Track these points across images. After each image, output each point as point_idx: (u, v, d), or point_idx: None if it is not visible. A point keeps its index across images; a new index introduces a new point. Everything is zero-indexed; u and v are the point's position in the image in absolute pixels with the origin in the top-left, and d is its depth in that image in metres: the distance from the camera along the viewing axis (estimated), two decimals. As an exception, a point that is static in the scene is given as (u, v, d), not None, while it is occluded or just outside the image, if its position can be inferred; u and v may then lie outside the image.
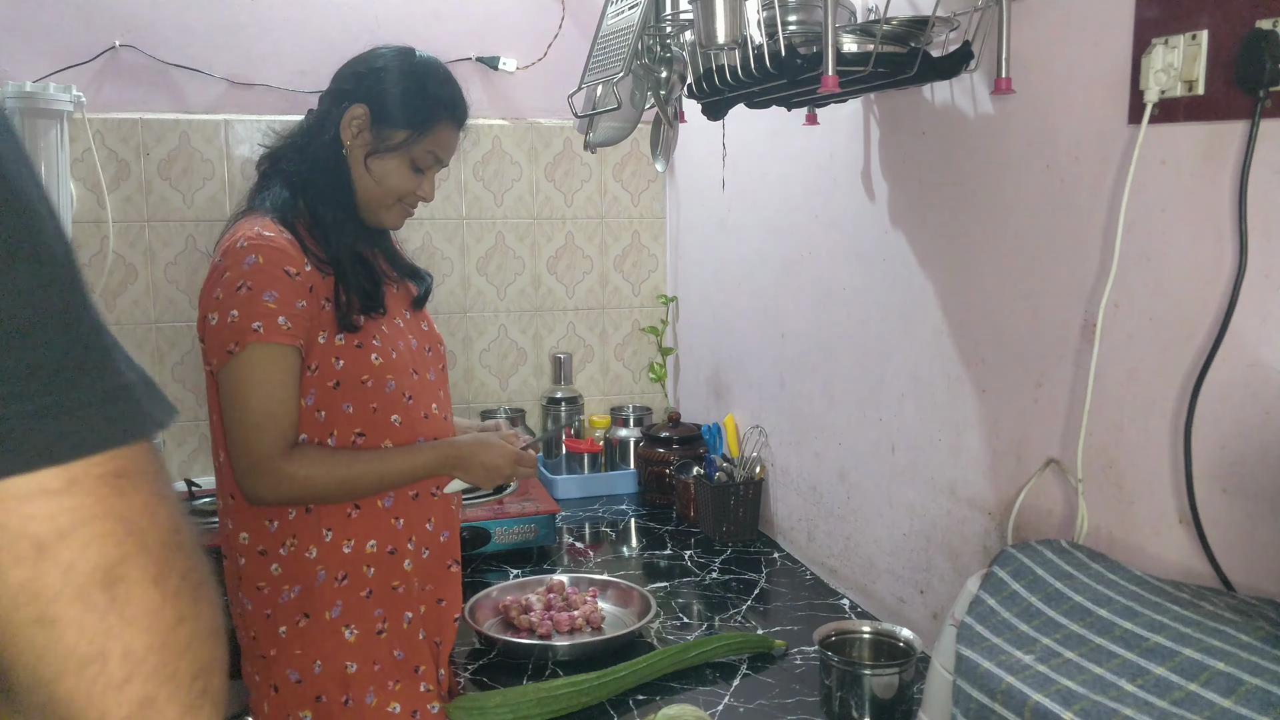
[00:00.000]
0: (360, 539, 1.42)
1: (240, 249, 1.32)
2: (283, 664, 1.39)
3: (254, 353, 1.30)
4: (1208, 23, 1.07)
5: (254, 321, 1.29)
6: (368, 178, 1.44)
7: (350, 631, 1.41)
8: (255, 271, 1.31)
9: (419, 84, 1.46)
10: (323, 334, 1.37)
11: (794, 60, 1.33)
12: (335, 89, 1.47)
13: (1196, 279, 1.11)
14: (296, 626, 1.39)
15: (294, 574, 1.39)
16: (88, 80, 2.36)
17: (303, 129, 1.48)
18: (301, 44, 2.48)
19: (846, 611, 1.78)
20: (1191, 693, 0.84)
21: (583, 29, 2.61)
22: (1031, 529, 1.37)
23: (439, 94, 1.47)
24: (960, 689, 0.96)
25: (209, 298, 1.34)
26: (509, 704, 1.39)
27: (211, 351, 1.33)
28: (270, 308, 1.30)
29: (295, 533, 1.39)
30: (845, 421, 1.88)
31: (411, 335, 1.50)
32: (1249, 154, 1.03)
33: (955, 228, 1.51)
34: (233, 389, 1.31)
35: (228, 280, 1.32)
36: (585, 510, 2.44)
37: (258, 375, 1.30)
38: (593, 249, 2.78)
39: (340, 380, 1.38)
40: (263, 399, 1.31)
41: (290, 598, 1.39)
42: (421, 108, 1.45)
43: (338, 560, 1.40)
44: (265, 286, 1.31)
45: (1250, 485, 1.06)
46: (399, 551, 1.44)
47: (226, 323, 1.30)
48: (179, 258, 2.46)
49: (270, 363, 1.31)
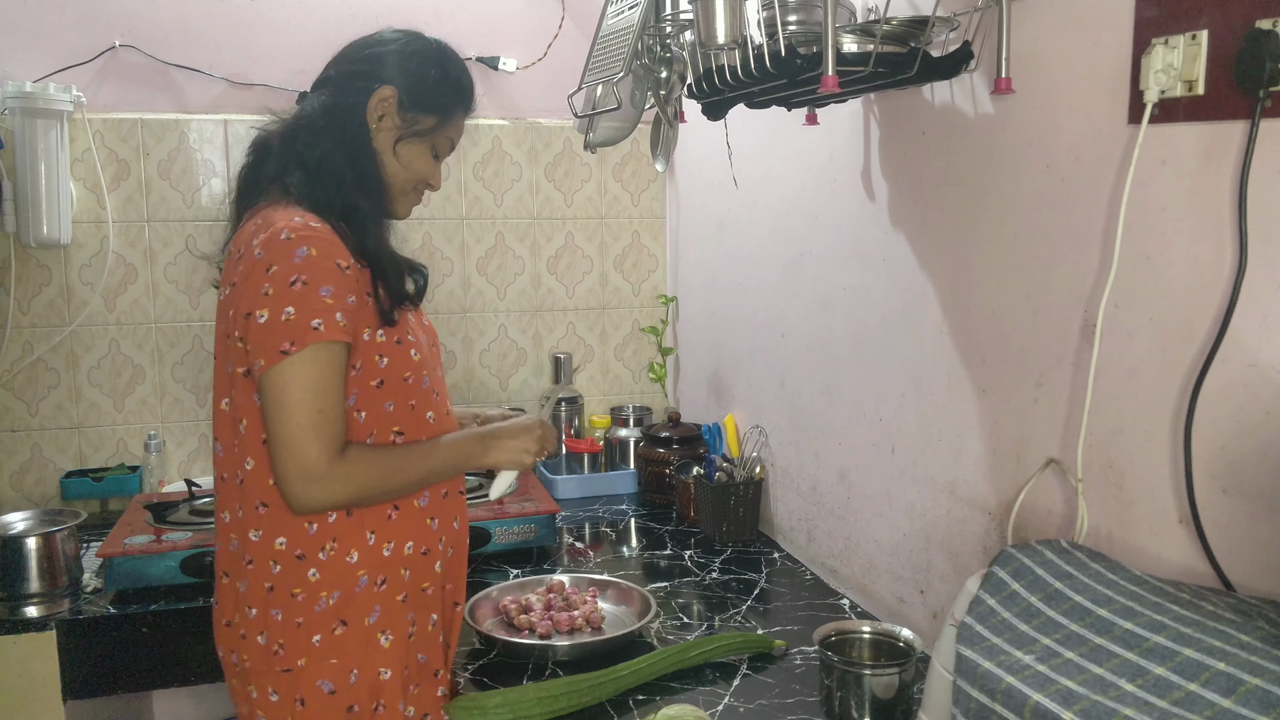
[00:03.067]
0: (399, 541, 1.36)
1: (287, 241, 1.24)
2: (313, 675, 1.31)
3: (313, 352, 1.22)
4: (1208, 23, 1.07)
5: (313, 319, 1.22)
6: (395, 163, 1.39)
7: (385, 638, 1.35)
8: (309, 265, 1.23)
9: (443, 69, 1.42)
10: (367, 330, 1.30)
11: (794, 60, 1.33)
12: (348, 72, 1.40)
13: (1196, 279, 1.11)
14: (332, 634, 1.31)
15: (334, 579, 1.32)
16: (88, 80, 2.36)
17: (312, 117, 1.38)
18: (301, 44, 2.48)
19: (846, 611, 1.78)
20: (1191, 693, 0.84)
21: (583, 29, 2.61)
22: (1031, 529, 1.37)
23: (461, 80, 1.44)
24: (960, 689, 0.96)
25: (254, 293, 1.23)
26: (509, 704, 1.39)
27: (259, 351, 1.23)
28: (328, 304, 1.23)
29: (336, 536, 1.32)
30: (845, 421, 1.88)
31: (423, 330, 1.48)
32: (1249, 154, 1.03)
33: (955, 228, 1.51)
34: (285, 390, 1.22)
35: (277, 274, 1.23)
36: (585, 510, 2.44)
37: (315, 375, 1.23)
38: (593, 249, 2.78)
39: (384, 379, 1.33)
40: (320, 400, 1.23)
41: (328, 604, 1.31)
42: (448, 93, 1.41)
43: (379, 563, 1.34)
44: (321, 281, 1.23)
45: (1250, 485, 1.06)
46: (431, 552, 1.40)
47: (280, 320, 1.22)
48: (179, 258, 2.46)
49: (326, 362, 1.24)
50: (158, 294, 2.46)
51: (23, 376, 2.40)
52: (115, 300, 2.43)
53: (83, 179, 2.38)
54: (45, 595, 1.86)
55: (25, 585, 1.85)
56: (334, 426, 1.25)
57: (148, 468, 2.45)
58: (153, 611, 1.83)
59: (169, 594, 1.88)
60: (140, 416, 2.48)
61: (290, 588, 1.32)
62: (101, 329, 2.43)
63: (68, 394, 2.43)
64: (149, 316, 2.46)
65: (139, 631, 1.82)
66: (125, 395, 2.46)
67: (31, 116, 2.23)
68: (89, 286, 2.41)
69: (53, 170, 2.27)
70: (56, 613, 1.82)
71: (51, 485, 2.43)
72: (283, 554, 1.32)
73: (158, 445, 2.45)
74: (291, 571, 1.31)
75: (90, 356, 2.43)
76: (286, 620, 1.32)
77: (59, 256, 2.39)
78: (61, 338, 2.40)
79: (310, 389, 1.23)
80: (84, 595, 1.89)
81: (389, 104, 1.37)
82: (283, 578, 1.32)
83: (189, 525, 2.01)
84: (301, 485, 1.24)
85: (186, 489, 2.19)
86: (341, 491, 1.26)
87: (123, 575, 1.85)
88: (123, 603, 1.85)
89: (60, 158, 2.29)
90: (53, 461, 2.44)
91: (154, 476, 2.45)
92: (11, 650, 1.77)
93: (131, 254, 2.43)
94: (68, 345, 2.42)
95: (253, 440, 1.31)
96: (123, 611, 1.82)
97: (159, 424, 2.49)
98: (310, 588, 1.31)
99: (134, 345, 2.46)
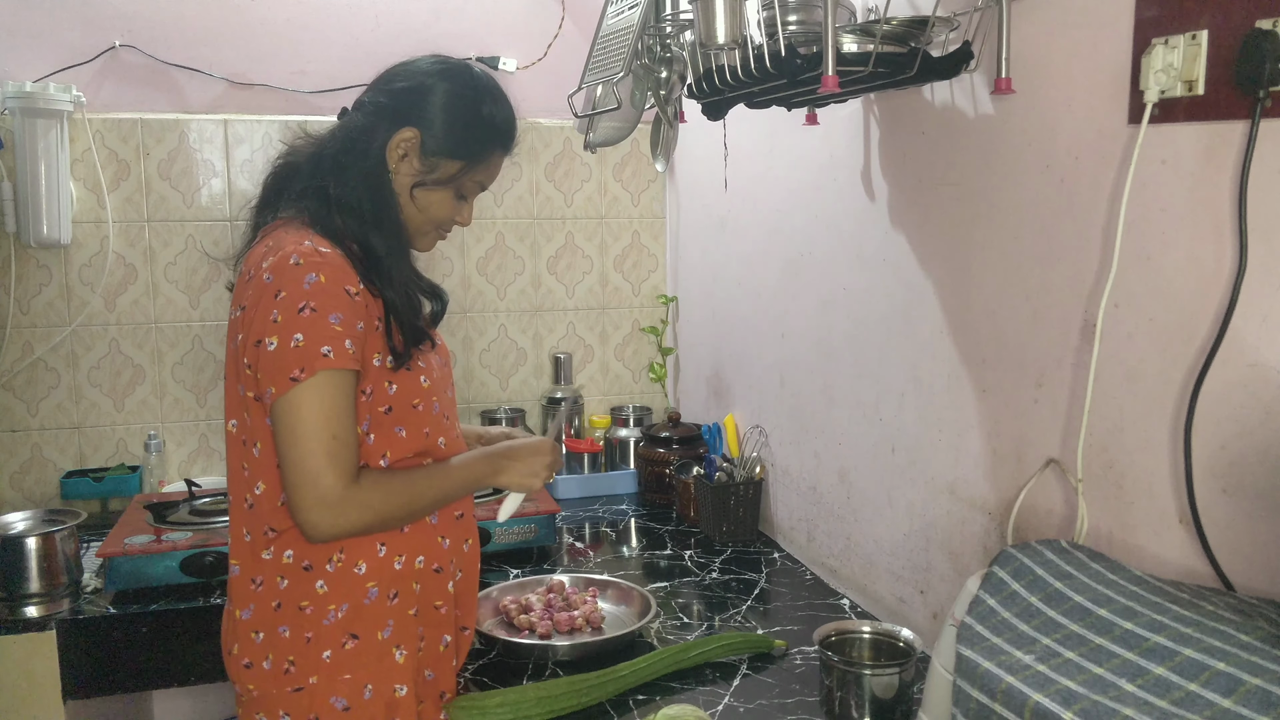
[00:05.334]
0: (410, 554, 1.34)
1: (296, 266, 1.22)
2: (326, 692, 1.29)
3: (323, 379, 1.21)
4: (1208, 23, 1.07)
5: (322, 346, 1.20)
6: (412, 206, 1.36)
7: (400, 653, 1.33)
8: (318, 291, 1.22)
9: (474, 110, 1.37)
10: (377, 357, 1.29)
11: (794, 60, 1.33)
12: (379, 104, 1.35)
13: (1196, 279, 1.11)
14: (343, 649, 1.29)
15: (342, 591, 1.30)
16: (88, 80, 2.36)
17: (339, 142, 1.35)
18: (301, 44, 2.48)
19: (846, 611, 1.78)
20: (1191, 693, 0.84)
21: (583, 29, 2.61)
22: (1031, 529, 1.37)
23: (494, 121, 1.39)
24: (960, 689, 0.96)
25: (264, 321, 1.22)
26: (509, 704, 1.39)
27: (269, 378, 1.21)
28: (336, 330, 1.22)
29: (344, 546, 1.30)
30: (845, 421, 1.88)
31: (435, 353, 1.45)
32: (1249, 154, 1.03)
33: (955, 228, 1.51)
34: (297, 417, 1.21)
35: (285, 301, 1.21)
36: (585, 510, 2.44)
37: (326, 402, 1.21)
38: (593, 249, 2.78)
39: (392, 405, 1.31)
40: (333, 427, 1.21)
41: (337, 617, 1.29)
42: (476, 138, 1.37)
43: (390, 576, 1.32)
44: (330, 308, 1.22)
45: (1250, 485, 1.06)
46: (444, 570, 1.38)
47: (290, 347, 1.20)
48: (179, 258, 2.46)
49: (337, 389, 1.22)
50: (158, 294, 2.46)
51: (23, 376, 2.40)
52: (115, 300, 2.43)
53: (83, 179, 2.38)
54: (45, 595, 1.86)
55: (25, 585, 1.85)
56: (348, 452, 1.23)
57: (148, 468, 2.45)
58: (153, 611, 1.83)
59: (169, 594, 1.88)
60: (140, 416, 2.48)
61: (298, 600, 1.30)
62: (101, 329, 2.43)
63: (68, 394, 2.43)
64: (149, 316, 2.46)
65: (139, 631, 1.82)
66: (125, 395, 2.46)
67: (31, 116, 2.23)
68: (89, 286, 2.41)
69: (53, 170, 2.27)
70: (56, 613, 1.82)
71: (51, 485, 2.43)
72: (290, 567, 1.30)
73: (158, 445, 2.45)
74: (298, 584, 1.30)
75: (90, 356, 2.43)
76: (295, 636, 1.29)
77: (59, 256, 2.39)
78: (61, 338, 2.40)
79: (322, 415, 1.21)
80: (84, 595, 1.89)
81: (410, 145, 1.33)
82: (289, 592, 1.30)
83: (189, 525, 2.01)
84: (318, 513, 1.22)
85: (186, 489, 2.19)
86: (358, 518, 1.24)
87: (123, 575, 1.85)
88: (123, 603, 1.85)
89: (60, 158, 2.29)
90: (53, 461, 2.44)
91: (154, 476, 2.45)
92: (11, 650, 1.77)
93: (131, 254, 2.43)
94: (68, 345, 2.42)
95: (265, 464, 1.28)
96: (123, 611, 1.82)
97: (159, 424, 2.49)
98: (318, 600, 1.29)
99: (134, 345, 2.46)
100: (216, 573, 1.88)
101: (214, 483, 2.43)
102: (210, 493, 2.22)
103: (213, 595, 1.88)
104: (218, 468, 2.54)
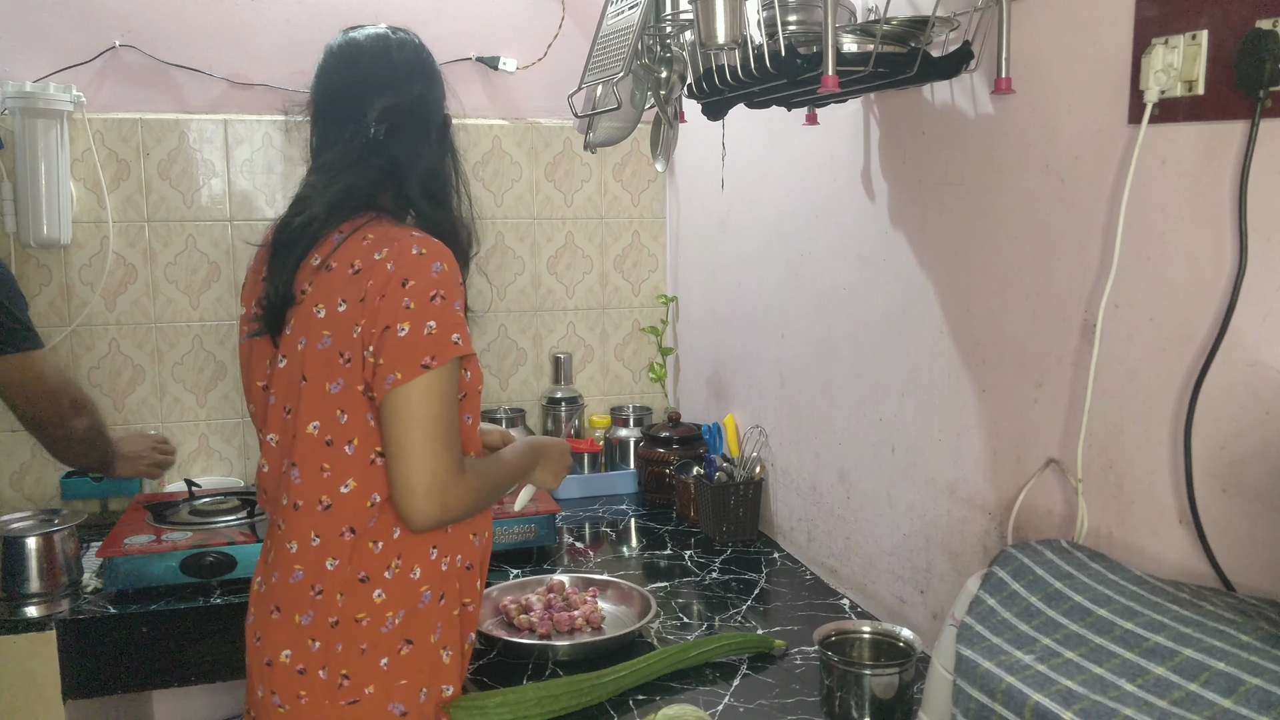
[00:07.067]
0: (452, 554, 1.36)
1: (420, 256, 1.24)
2: (383, 700, 1.29)
3: (450, 367, 1.24)
4: (1208, 23, 1.07)
5: (453, 334, 1.23)
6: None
7: (447, 654, 1.35)
8: (445, 280, 1.25)
9: (422, 46, 1.46)
10: None
11: (794, 60, 1.33)
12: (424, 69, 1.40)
13: (1196, 279, 1.11)
14: (399, 655, 1.30)
15: (399, 598, 1.30)
16: (88, 80, 2.36)
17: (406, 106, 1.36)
18: (301, 44, 2.48)
19: (846, 611, 1.79)
20: (1191, 693, 0.84)
21: (583, 29, 2.61)
22: (1031, 529, 1.37)
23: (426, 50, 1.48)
24: (960, 689, 0.96)
25: (394, 308, 1.22)
26: (509, 704, 1.39)
27: (395, 364, 1.21)
28: (460, 319, 1.26)
29: (401, 552, 1.30)
30: (845, 421, 1.88)
31: None
32: (1249, 154, 1.03)
33: (955, 228, 1.51)
34: (423, 403, 1.21)
35: (415, 289, 1.22)
36: (585, 510, 2.44)
37: (449, 389, 1.24)
38: (593, 249, 2.78)
39: (466, 392, 1.33)
40: (450, 412, 1.24)
41: (394, 624, 1.30)
42: (434, 68, 1.45)
43: (438, 578, 1.33)
44: (455, 296, 1.26)
45: (1250, 485, 1.06)
46: (474, 568, 1.40)
47: (422, 335, 1.21)
48: (179, 258, 2.46)
49: (454, 376, 1.25)
50: (158, 294, 2.46)
51: (23, 376, 2.40)
52: (115, 300, 2.43)
53: (83, 179, 2.38)
54: (45, 595, 1.86)
55: (25, 585, 1.85)
56: (458, 439, 1.26)
57: (148, 468, 2.45)
58: (153, 611, 1.83)
59: (169, 594, 1.88)
60: (140, 416, 2.48)
61: (354, 614, 1.29)
62: (101, 329, 2.43)
63: (68, 394, 2.43)
64: (149, 316, 2.46)
65: (139, 631, 1.83)
66: (125, 395, 2.46)
67: (31, 116, 2.23)
68: (89, 286, 2.41)
69: (53, 170, 2.27)
70: (56, 613, 1.82)
71: (51, 485, 2.42)
72: (348, 580, 1.29)
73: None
74: (354, 597, 1.29)
75: (90, 356, 2.43)
76: (349, 649, 1.29)
77: (59, 256, 2.39)
78: (61, 338, 2.40)
79: (443, 402, 1.23)
80: (84, 595, 1.89)
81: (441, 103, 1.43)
82: (346, 607, 1.29)
83: (189, 525, 2.01)
84: (428, 500, 1.22)
85: (186, 489, 2.19)
86: (464, 502, 1.26)
87: (123, 575, 1.85)
88: (123, 603, 1.85)
89: (60, 158, 2.29)
90: (53, 462, 2.43)
91: (154, 476, 2.45)
92: (11, 650, 1.77)
93: (131, 254, 2.43)
94: (68, 345, 2.42)
95: (358, 461, 1.28)
96: (123, 611, 1.82)
97: (159, 424, 2.49)
98: (375, 609, 1.29)
99: (134, 345, 2.46)
100: (216, 573, 1.89)
101: (214, 483, 2.43)
102: (210, 493, 2.22)
103: (213, 595, 1.88)
104: (218, 468, 2.54)
